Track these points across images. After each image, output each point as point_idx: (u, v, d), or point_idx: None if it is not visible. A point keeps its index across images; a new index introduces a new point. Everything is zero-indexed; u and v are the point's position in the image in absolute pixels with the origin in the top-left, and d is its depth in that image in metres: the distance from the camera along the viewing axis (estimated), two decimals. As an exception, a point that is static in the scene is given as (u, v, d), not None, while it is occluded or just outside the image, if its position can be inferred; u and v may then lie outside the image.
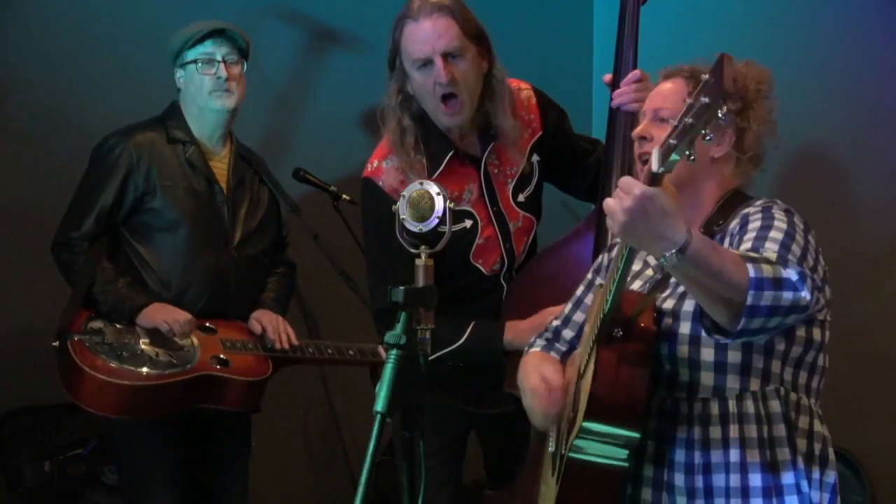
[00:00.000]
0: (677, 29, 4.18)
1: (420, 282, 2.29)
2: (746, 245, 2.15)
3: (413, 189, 2.34)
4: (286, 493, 4.27)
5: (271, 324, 3.51)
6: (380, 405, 2.12)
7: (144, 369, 3.29)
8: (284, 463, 4.24)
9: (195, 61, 3.42)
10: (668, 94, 2.34)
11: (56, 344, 3.30)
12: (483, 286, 2.98)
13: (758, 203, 2.29)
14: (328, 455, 4.39)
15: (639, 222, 1.92)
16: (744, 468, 2.18)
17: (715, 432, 2.21)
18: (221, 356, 3.41)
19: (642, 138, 2.33)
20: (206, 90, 3.42)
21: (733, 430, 2.19)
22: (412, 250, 2.32)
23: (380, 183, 2.90)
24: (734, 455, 2.19)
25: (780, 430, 2.20)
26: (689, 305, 2.20)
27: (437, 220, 2.31)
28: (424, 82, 2.84)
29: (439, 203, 2.31)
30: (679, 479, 2.23)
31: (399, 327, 2.20)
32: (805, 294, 2.02)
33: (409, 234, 2.32)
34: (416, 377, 2.21)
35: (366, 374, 3.68)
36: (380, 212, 2.86)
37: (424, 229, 2.30)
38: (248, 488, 3.61)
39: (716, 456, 2.20)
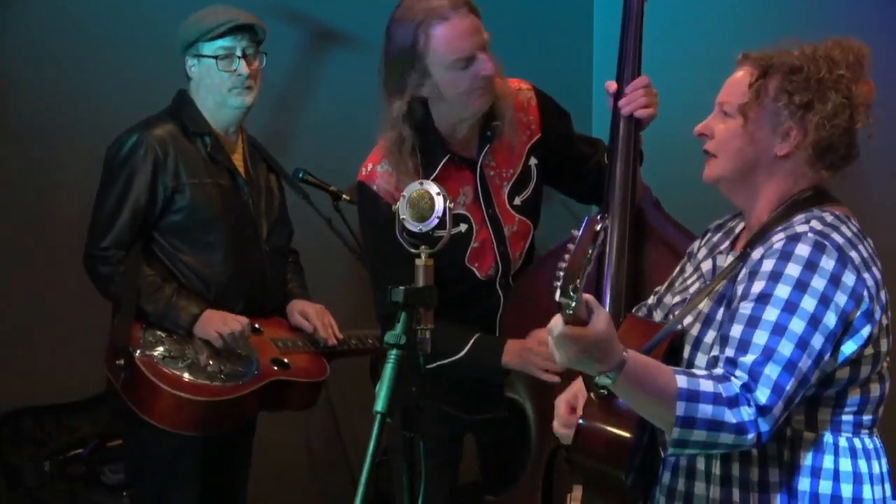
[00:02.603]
0: (680, 30, 4.18)
1: (420, 282, 2.28)
2: (736, 332, 2.02)
3: (413, 189, 2.34)
4: (286, 493, 4.27)
5: (319, 318, 3.48)
6: (380, 405, 2.12)
7: (218, 382, 3.23)
8: (284, 463, 4.24)
9: (214, 57, 3.28)
10: (731, 86, 2.18)
11: (121, 362, 3.18)
12: (478, 291, 2.95)
13: (797, 224, 2.08)
14: (328, 455, 4.39)
15: (564, 354, 1.91)
16: None
17: (700, 464, 2.16)
18: (282, 359, 3.39)
19: (702, 134, 2.21)
20: (225, 87, 3.30)
21: (716, 466, 2.14)
22: (412, 250, 2.32)
23: (374, 187, 2.87)
24: (715, 492, 2.13)
25: (775, 474, 2.10)
26: (709, 337, 2.14)
27: (437, 220, 2.30)
28: (459, 80, 2.79)
29: (439, 203, 2.31)
30: (661, 501, 2.21)
31: (399, 327, 2.20)
32: (750, 438, 1.95)
33: (409, 234, 2.32)
34: (416, 377, 2.21)
35: (366, 374, 3.68)
36: (376, 216, 2.85)
37: (424, 229, 2.30)
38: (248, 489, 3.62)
39: (699, 488, 2.16)
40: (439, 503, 3.00)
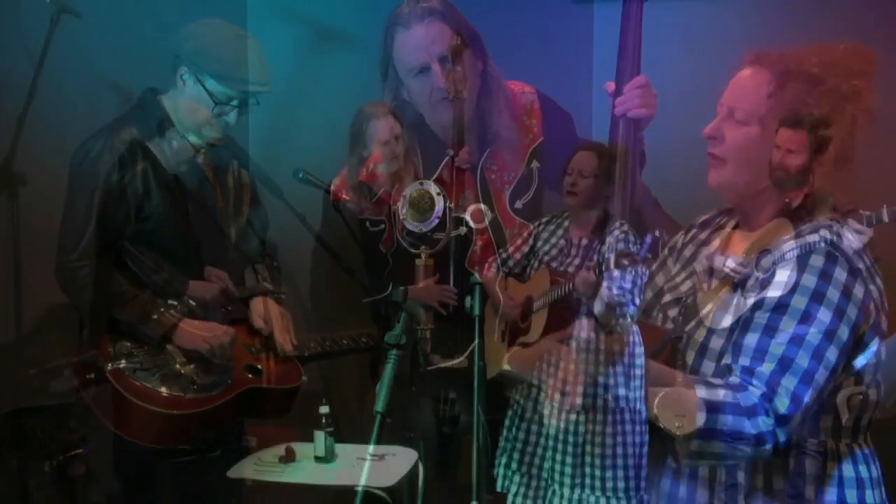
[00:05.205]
0: (681, 30, 4.18)
1: (420, 282, 2.29)
2: (751, 340, 2.01)
3: (413, 189, 2.34)
4: (286, 494, 4.26)
5: (278, 323, 3.41)
6: (380, 405, 2.12)
7: (191, 394, 3.18)
8: (284, 463, 4.22)
9: (211, 94, 3.20)
10: (741, 89, 2.12)
11: (91, 376, 3.14)
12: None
13: (807, 234, 2.06)
14: (328, 455, 4.38)
15: None
16: None
17: (703, 470, 2.15)
18: (256, 365, 3.34)
19: (712, 137, 2.16)
20: (206, 118, 3.23)
21: (721, 474, 2.13)
22: (412, 250, 2.32)
23: (375, 189, 2.89)
24: (721, 497, 2.13)
25: (779, 481, 2.09)
26: (714, 343, 2.11)
27: (436, 220, 2.31)
28: (422, 89, 2.81)
29: (439, 203, 2.32)
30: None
31: (399, 327, 2.20)
32: (768, 448, 1.96)
33: (409, 233, 2.32)
34: (417, 377, 2.22)
35: (366, 373, 3.67)
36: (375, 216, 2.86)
37: (424, 229, 2.31)
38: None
39: (701, 495, 2.15)
40: (440, 502, 3.01)
